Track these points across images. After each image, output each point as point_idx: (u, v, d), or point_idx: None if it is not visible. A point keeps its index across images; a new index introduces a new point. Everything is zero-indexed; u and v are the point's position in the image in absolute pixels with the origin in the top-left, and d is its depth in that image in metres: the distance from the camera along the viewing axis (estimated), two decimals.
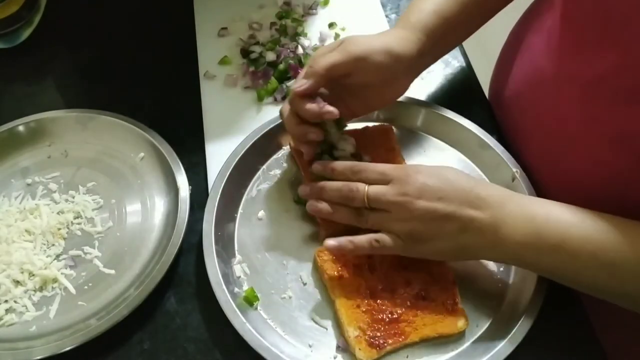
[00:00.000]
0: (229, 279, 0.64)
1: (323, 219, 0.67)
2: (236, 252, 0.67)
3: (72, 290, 0.65)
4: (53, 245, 0.69)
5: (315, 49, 0.85)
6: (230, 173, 0.70)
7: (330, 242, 0.61)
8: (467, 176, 0.61)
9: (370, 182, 0.61)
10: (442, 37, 0.68)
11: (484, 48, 0.73)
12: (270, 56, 0.84)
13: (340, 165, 0.64)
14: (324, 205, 0.63)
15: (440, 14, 0.67)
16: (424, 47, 0.66)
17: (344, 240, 0.60)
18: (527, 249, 0.56)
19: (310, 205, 0.64)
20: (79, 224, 0.70)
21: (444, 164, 0.73)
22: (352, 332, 0.59)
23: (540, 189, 0.68)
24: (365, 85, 0.66)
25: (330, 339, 0.61)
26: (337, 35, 0.89)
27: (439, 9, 0.67)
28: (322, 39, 0.88)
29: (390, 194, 0.59)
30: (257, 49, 0.86)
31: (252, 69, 0.84)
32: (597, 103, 0.59)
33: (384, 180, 0.60)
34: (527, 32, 0.74)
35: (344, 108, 0.67)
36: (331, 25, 0.90)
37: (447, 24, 0.67)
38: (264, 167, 0.74)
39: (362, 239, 0.60)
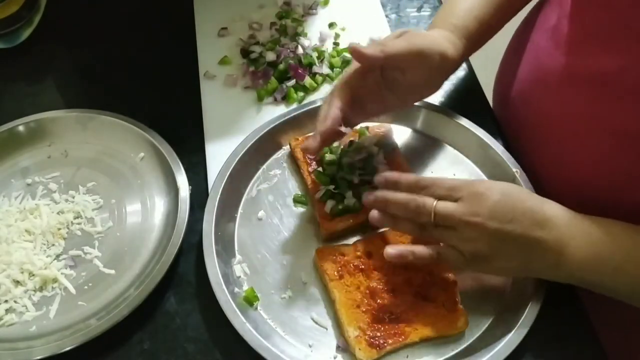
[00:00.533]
0: (229, 279, 0.64)
1: (323, 218, 0.67)
2: (236, 252, 0.67)
3: (72, 290, 0.65)
4: (53, 245, 0.69)
5: (315, 49, 0.85)
6: (230, 173, 0.70)
7: (391, 250, 0.59)
8: (531, 194, 0.60)
9: (437, 198, 0.58)
10: (479, 42, 0.70)
11: (484, 48, 0.73)
12: (270, 56, 0.84)
13: (406, 178, 0.61)
14: (387, 217, 0.61)
15: (480, 18, 0.68)
16: (465, 51, 0.68)
17: (405, 250, 0.59)
18: (589, 270, 0.55)
19: (372, 217, 0.61)
20: (79, 224, 0.70)
21: (443, 164, 0.73)
22: (352, 332, 0.59)
23: (543, 188, 0.68)
24: (409, 82, 0.64)
25: (330, 339, 0.61)
26: (337, 35, 0.89)
27: (479, 15, 0.68)
28: (322, 39, 0.88)
29: (459, 212, 0.56)
30: (257, 49, 0.86)
31: (252, 69, 0.84)
32: (603, 100, 0.59)
33: (453, 197, 0.57)
34: (532, 31, 0.74)
35: (379, 103, 0.66)
36: (331, 25, 0.90)
37: (484, 28, 0.69)
38: (264, 167, 0.74)
39: (423, 251, 0.58)
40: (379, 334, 0.59)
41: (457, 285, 0.62)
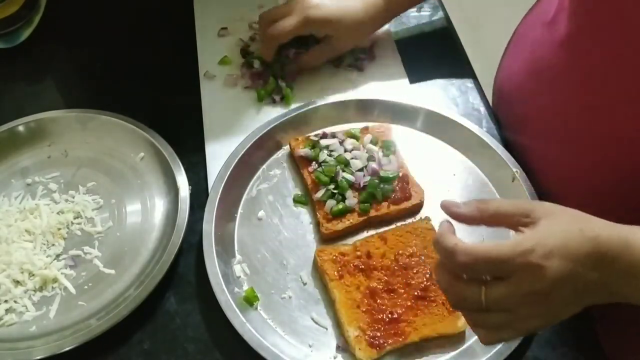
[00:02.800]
0: (229, 279, 0.64)
1: (323, 218, 0.67)
2: (236, 252, 0.67)
3: (72, 290, 0.65)
4: (53, 245, 0.69)
5: None
6: (230, 173, 0.70)
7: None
8: (583, 229, 0.48)
9: (483, 276, 0.47)
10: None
11: (484, 47, 0.73)
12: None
13: (443, 249, 0.48)
14: None
15: None
16: (384, 15, 0.80)
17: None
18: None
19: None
20: (79, 224, 0.70)
21: (443, 164, 0.73)
22: (352, 332, 0.59)
23: (542, 187, 0.68)
24: (337, 40, 0.79)
25: (330, 339, 0.61)
26: None
27: None
28: None
29: (517, 295, 0.46)
30: (257, 49, 0.86)
31: (252, 69, 0.84)
32: (603, 100, 0.59)
33: (502, 274, 0.46)
34: (533, 26, 0.74)
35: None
36: None
37: None
38: (264, 167, 0.74)
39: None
40: (379, 334, 0.59)
41: None
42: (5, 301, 0.64)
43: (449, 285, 0.48)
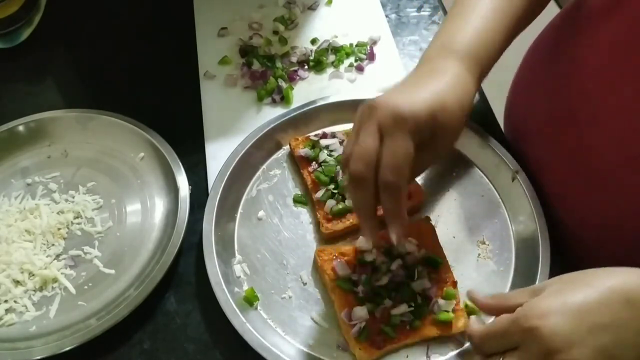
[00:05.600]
0: (229, 279, 0.64)
1: (323, 218, 0.67)
2: (236, 252, 0.67)
3: (72, 290, 0.65)
4: (53, 245, 0.69)
5: (316, 52, 0.85)
6: (230, 173, 0.70)
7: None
8: (590, 282, 0.46)
9: (495, 353, 0.48)
10: (488, 69, 0.62)
11: None
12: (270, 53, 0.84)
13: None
14: None
15: (490, 45, 0.60)
16: (477, 86, 0.60)
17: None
18: None
19: None
20: (79, 224, 0.70)
21: (443, 164, 0.73)
22: (352, 332, 0.59)
23: (542, 189, 0.68)
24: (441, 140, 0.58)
25: (330, 339, 0.61)
26: (333, 42, 0.88)
27: (489, 40, 0.60)
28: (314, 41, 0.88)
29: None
30: (257, 48, 0.86)
31: (251, 69, 0.84)
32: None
33: (510, 347, 0.46)
34: (574, 47, 0.63)
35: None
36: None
37: (494, 55, 0.62)
38: (264, 167, 0.74)
39: None
40: (379, 334, 0.59)
41: (457, 285, 0.62)
42: (5, 301, 0.64)
43: None
